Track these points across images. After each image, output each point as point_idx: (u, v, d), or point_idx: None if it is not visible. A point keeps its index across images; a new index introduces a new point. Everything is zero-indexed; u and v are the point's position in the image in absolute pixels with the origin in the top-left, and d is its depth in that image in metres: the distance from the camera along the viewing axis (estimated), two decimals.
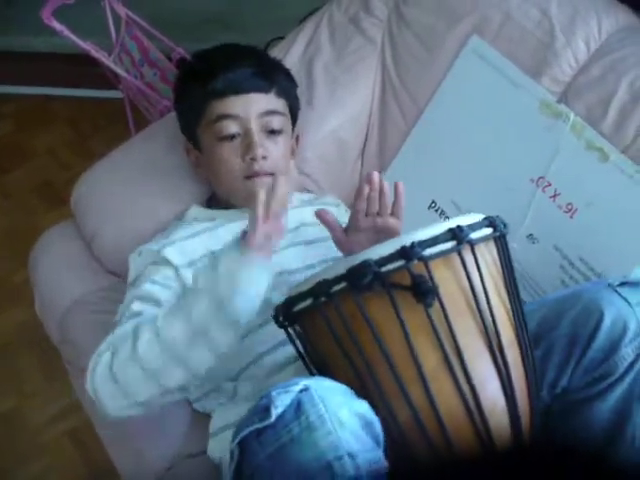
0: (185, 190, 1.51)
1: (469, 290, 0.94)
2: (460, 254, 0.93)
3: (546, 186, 1.40)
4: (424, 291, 0.89)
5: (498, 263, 1.00)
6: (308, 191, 1.59)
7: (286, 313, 0.99)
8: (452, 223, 0.94)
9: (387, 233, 1.21)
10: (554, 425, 1.13)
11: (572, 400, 1.11)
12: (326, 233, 1.37)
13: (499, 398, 0.95)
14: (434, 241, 0.92)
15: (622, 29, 1.43)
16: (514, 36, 1.47)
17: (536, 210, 1.41)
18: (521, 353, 0.98)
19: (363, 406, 0.92)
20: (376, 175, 1.22)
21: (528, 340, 1.01)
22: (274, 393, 0.91)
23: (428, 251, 0.91)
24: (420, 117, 1.58)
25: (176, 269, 1.29)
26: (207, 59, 1.45)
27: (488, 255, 0.99)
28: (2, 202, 2.50)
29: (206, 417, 1.33)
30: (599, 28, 1.42)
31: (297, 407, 0.89)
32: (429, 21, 1.57)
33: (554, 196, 1.39)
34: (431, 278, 0.91)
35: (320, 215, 1.25)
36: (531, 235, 1.41)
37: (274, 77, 1.41)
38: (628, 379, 1.06)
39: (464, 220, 0.96)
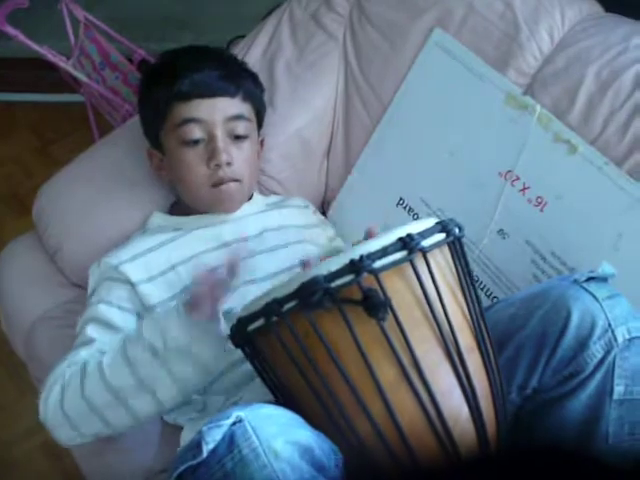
0: (148, 197, 1.49)
1: (424, 299, 0.92)
2: (412, 263, 0.91)
3: (515, 180, 1.38)
4: (375, 305, 0.87)
5: (453, 268, 0.98)
6: (274, 194, 1.56)
7: (240, 333, 0.97)
8: (402, 232, 0.92)
9: None
10: (527, 425, 1.12)
11: (544, 400, 1.10)
12: (291, 238, 1.35)
13: (462, 407, 0.93)
14: (384, 252, 0.90)
15: (586, 18, 1.41)
16: (478, 28, 1.45)
17: (505, 204, 1.39)
18: (482, 358, 0.96)
19: (300, 433, 0.90)
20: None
21: (490, 344, 0.99)
22: (205, 428, 0.89)
23: (378, 263, 0.89)
24: (384, 113, 1.55)
25: (133, 285, 1.28)
26: (172, 61, 1.42)
27: (442, 261, 0.96)
28: None
29: (178, 430, 1.31)
30: (562, 18, 1.40)
31: (230, 441, 0.87)
32: (391, 15, 1.55)
33: (523, 190, 1.37)
34: (383, 291, 0.88)
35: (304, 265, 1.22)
36: (501, 230, 1.39)
37: (241, 81, 1.38)
38: (599, 375, 1.04)
39: (415, 227, 0.94)
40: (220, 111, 1.33)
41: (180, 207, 1.44)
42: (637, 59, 1.31)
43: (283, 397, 0.99)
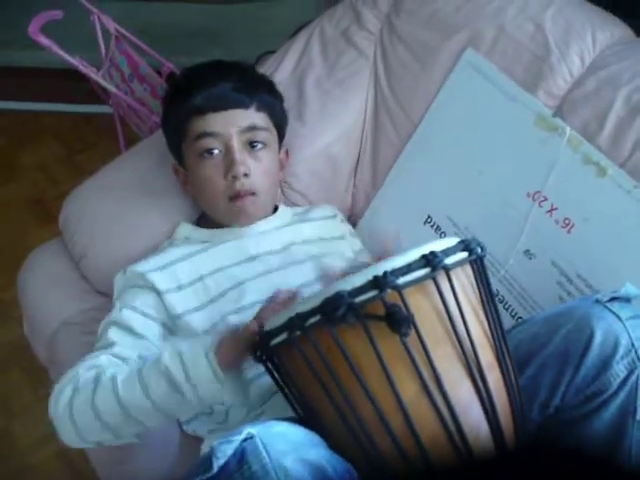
0: (175, 209, 1.50)
1: (446, 316, 0.92)
2: (435, 280, 0.92)
3: (542, 201, 1.38)
4: (398, 321, 0.88)
5: (475, 286, 0.98)
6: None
7: (263, 347, 0.98)
8: (425, 249, 0.93)
9: None
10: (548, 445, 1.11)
11: (566, 419, 1.10)
12: (318, 250, 1.36)
13: (482, 423, 0.93)
14: (408, 269, 0.91)
15: (617, 42, 1.42)
16: (508, 50, 1.46)
17: (532, 225, 1.39)
18: (503, 376, 0.97)
19: (313, 452, 0.90)
20: None
21: (511, 362, 0.99)
22: (216, 443, 0.89)
23: (402, 279, 0.90)
24: (414, 132, 1.56)
25: (159, 293, 1.29)
26: (189, 77, 1.45)
27: (465, 279, 0.97)
28: None
29: (197, 440, 1.31)
30: (593, 42, 1.41)
31: (240, 457, 0.87)
32: (422, 35, 1.56)
33: (551, 211, 1.37)
34: (406, 307, 0.89)
35: (325, 274, 1.22)
36: (528, 251, 1.40)
37: (254, 91, 1.40)
38: (622, 395, 1.05)
39: (438, 245, 0.94)
40: (234, 123, 1.36)
41: (206, 220, 1.46)
42: None
43: (304, 411, 1.00)
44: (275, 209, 1.47)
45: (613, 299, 1.09)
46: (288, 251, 1.40)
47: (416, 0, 1.58)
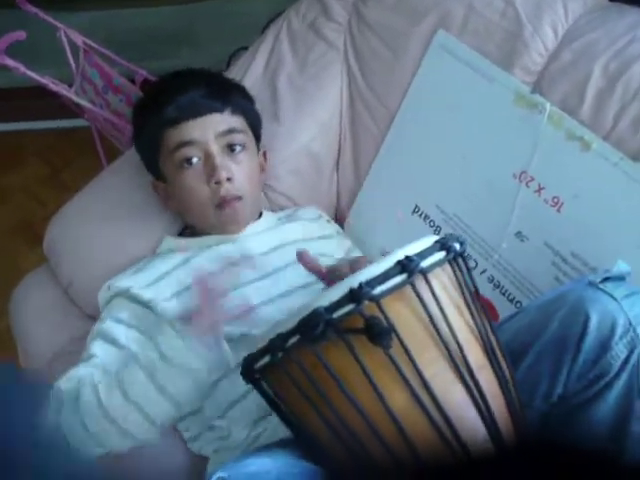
0: (158, 225, 1.50)
1: (428, 320, 0.91)
2: (413, 285, 0.91)
3: (529, 181, 1.37)
4: (379, 333, 0.87)
5: (457, 284, 0.97)
6: (281, 209, 1.57)
7: (248, 370, 0.98)
8: (400, 254, 0.92)
9: None
10: (555, 432, 1.12)
11: (571, 405, 1.09)
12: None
13: (478, 426, 0.92)
14: (384, 277, 0.90)
15: (590, 10, 1.41)
16: (480, 29, 1.45)
17: (522, 206, 1.38)
18: (495, 374, 0.96)
19: None
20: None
21: (503, 357, 0.98)
22: None
23: (378, 289, 0.89)
24: (393, 121, 1.55)
25: (146, 305, 1.30)
26: (157, 89, 1.46)
27: (445, 278, 0.96)
28: None
29: (203, 459, 1.31)
30: (565, 12, 1.39)
31: None
32: (391, 21, 1.55)
33: (538, 190, 1.36)
34: (386, 317, 0.89)
35: (301, 259, 1.21)
36: (519, 233, 1.38)
37: (227, 96, 1.40)
38: (625, 375, 1.04)
39: (414, 248, 0.94)
40: (211, 128, 1.35)
41: (191, 231, 1.47)
42: None
43: (297, 429, 1.00)
44: (259, 215, 1.46)
45: (606, 279, 1.08)
46: (275, 254, 1.40)
47: None
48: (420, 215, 1.52)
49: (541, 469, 0.72)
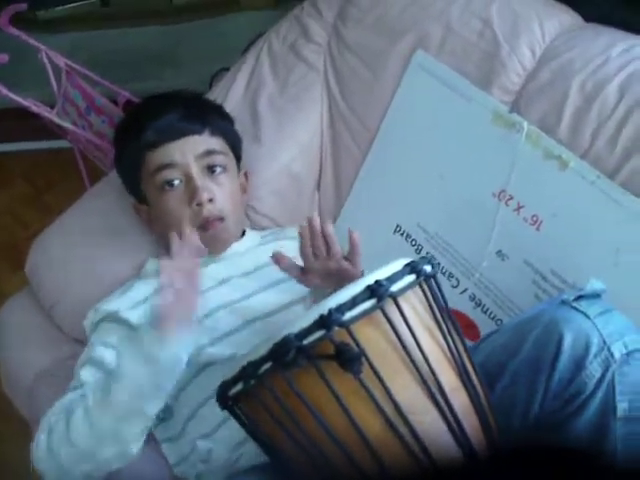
0: (141, 247, 1.50)
1: (399, 345, 0.92)
2: (383, 310, 0.91)
3: (508, 199, 1.39)
4: (349, 359, 0.88)
5: (428, 307, 0.97)
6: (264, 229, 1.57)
7: (222, 397, 0.99)
8: (370, 279, 0.92)
9: (344, 276, 1.18)
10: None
11: (547, 424, 1.10)
12: None
13: (453, 450, 0.93)
14: (353, 303, 0.90)
15: (566, 30, 1.43)
16: (457, 49, 1.47)
17: (502, 225, 1.40)
18: (470, 397, 0.96)
19: None
20: (315, 219, 1.18)
21: (478, 380, 0.99)
22: None
23: (348, 314, 0.89)
24: (373, 141, 1.56)
25: (134, 328, 1.28)
26: (135, 114, 1.47)
27: (417, 302, 0.97)
28: None
29: None
30: (542, 32, 1.41)
31: None
32: (370, 41, 1.57)
33: (518, 209, 1.38)
34: (356, 342, 0.89)
35: (275, 259, 1.22)
36: (500, 251, 1.40)
37: (205, 117, 1.41)
38: (599, 394, 1.05)
39: (383, 272, 0.94)
40: (190, 150, 1.36)
41: None
42: (620, 68, 1.32)
43: (272, 454, 1.01)
44: (242, 234, 1.47)
45: (580, 297, 1.09)
46: (261, 272, 1.40)
47: (361, 7, 1.58)
48: (402, 234, 1.53)
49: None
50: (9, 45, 1.99)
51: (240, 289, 1.36)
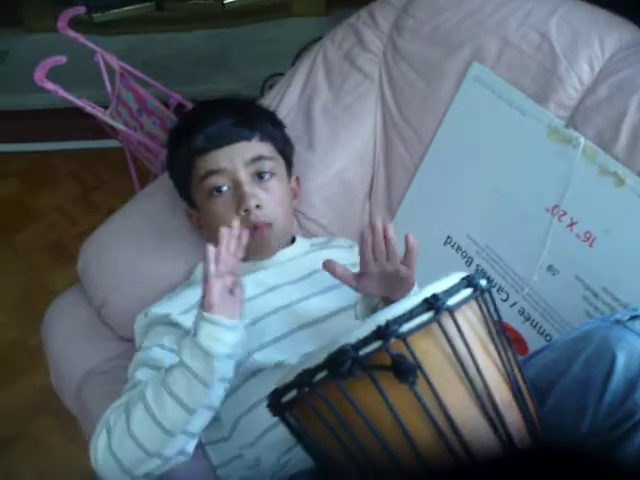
0: (191, 250, 1.51)
1: (454, 359, 0.92)
2: (440, 323, 0.92)
3: (562, 215, 1.38)
4: (405, 370, 0.89)
5: (483, 321, 0.98)
6: (313, 236, 1.58)
7: (275, 404, 1.00)
8: (428, 292, 0.93)
9: (399, 280, 1.20)
10: None
11: (596, 445, 1.08)
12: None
13: None
14: (410, 315, 0.91)
15: (626, 46, 1.42)
16: (514, 62, 1.47)
17: (554, 240, 1.39)
18: (522, 413, 0.96)
19: None
20: (379, 223, 1.21)
21: (529, 395, 0.99)
22: None
23: (405, 326, 0.90)
24: (426, 152, 1.57)
25: (188, 332, 1.28)
26: (187, 118, 1.50)
27: (472, 316, 0.97)
28: (14, 263, 2.51)
29: None
30: (602, 47, 1.41)
31: None
32: (426, 52, 1.58)
33: (571, 225, 1.37)
34: (412, 354, 0.90)
35: (328, 267, 1.23)
36: (551, 266, 1.39)
37: (254, 123, 1.42)
38: None
39: (440, 286, 0.95)
40: (239, 156, 1.38)
41: None
42: None
43: (321, 462, 1.01)
44: (292, 240, 1.48)
45: (634, 317, 1.08)
46: (310, 279, 1.41)
47: (417, 18, 1.59)
48: (452, 246, 1.54)
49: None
50: (66, 47, 2.03)
51: (288, 296, 1.37)
